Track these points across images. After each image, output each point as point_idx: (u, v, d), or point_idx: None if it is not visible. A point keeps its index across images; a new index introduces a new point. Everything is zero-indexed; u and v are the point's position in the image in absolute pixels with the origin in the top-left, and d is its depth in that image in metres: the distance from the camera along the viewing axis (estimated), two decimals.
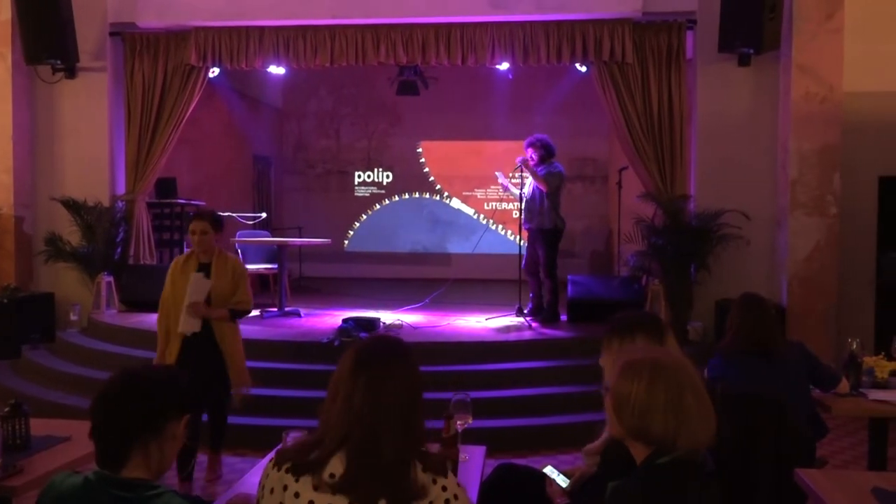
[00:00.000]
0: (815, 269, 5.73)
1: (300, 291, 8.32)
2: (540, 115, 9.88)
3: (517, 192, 6.12)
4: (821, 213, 5.73)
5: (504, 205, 10.59)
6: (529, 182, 6.10)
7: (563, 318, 6.13)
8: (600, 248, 9.98)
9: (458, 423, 2.28)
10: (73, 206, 6.30)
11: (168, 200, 7.28)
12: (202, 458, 3.95)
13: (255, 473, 2.14)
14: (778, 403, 2.47)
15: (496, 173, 6.23)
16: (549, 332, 5.65)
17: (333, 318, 6.15)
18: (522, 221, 6.07)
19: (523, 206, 6.07)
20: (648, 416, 1.48)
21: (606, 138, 10.17)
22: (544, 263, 6.02)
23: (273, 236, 7.91)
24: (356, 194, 11.13)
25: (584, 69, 6.42)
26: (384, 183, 11.10)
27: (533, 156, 6.05)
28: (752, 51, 5.81)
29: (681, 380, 1.51)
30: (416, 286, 9.11)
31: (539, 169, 6.01)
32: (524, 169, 5.93)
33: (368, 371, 1.47)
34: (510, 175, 6.21)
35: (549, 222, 5.99)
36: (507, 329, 5.78)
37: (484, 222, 10.66)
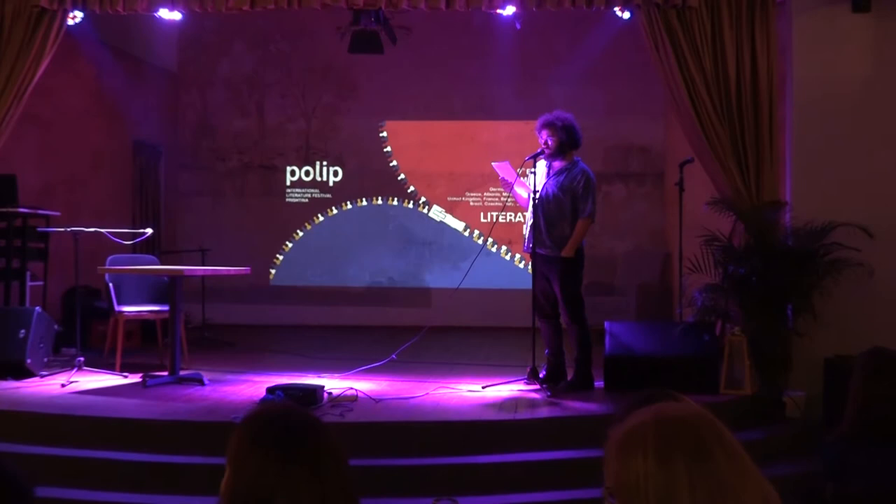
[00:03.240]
0: None
1: (203, 346, 8.26)
2: (560, 85, 9.98)
3: (528, 193, 6.12)
4: None
5: (509, 216, 10.60)
6: (541, 171, 6.12)
7: (598, 384, 6.11)
8: (652, 281, 10.00)
9: None
10: None
11: (3, 209, 7.19)
12: None
13: None
14: None
15: (494, 165, 6.22)
16: (577, 407, 5.63)
17: (253, 388, 6.10)
18: (526, 242, 6.12)
19: (529, 219, 6.09)
20: (672, 501, 1.44)
21: (660, 119, 10.28)
22: (565, 301, 6.03)
23: (163, 263, 7.86)
24: (288, 200, 11.11)
25: (626, 15, 6.51)
26: (330, 183, 11.10)
27: (549, 141, 6.08)
28: None
29: (702, 436, 1.48)
30: (378, 337, 9.01)
31: (552, 175, 6.05)
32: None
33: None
34: (519, 169, 6.23)
35: (569, 249, 6.01)
36: (515, 404, 5.73)
37: (479, 242, 10.70)
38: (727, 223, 6.16)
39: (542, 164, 6.20)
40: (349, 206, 11.05)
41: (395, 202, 11.03)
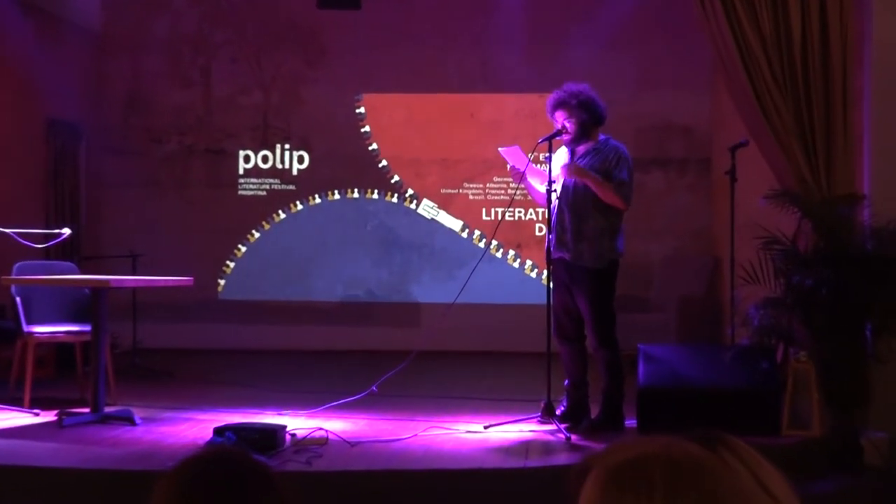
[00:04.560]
0: None
1: (135, 376, 8.26)
2: (581, 49, 10.01)
3: (544, 187, 6.14)
4: None
5: (518, 212, 10.61)
6: (561, 160, 6.15)
7: (630, 422, 6.13)
8: (696, 293, 10.00)
9: None
10: None
11: None
12: None
13: None
14: None
15: (501, 151, 6.22)
16: None
17: (197, 428, 6.10)
18: (549, 246, 6.11)
19: (552, 215, 6.10)
20: None
21: (706, 92, 10.32)
22: (594, 320, 6.05)
23: (83, 271, 7.86)
24: (241, 192, 11.13)
25: None
26: (294, 171, 11.12)
27: (567, 125, 6.10)
28: None
29: (735, 487, 1.40)
30: (354, 365, 9.02)
31: (580, 157, 6.08)
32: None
33: None
34: (531, 154, 6.24)
35: (596, 254, 6.02)
36: (526, 448, 5.74)
37: (480, 245, 10.71)
38: (790, 221, 6.17)
39: (562, 151, 6.22)
40: (317, 200, 11.07)
41: (375, 195, 11.04)
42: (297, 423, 6.08)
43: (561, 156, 6.21)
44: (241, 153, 11.12)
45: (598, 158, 6.07)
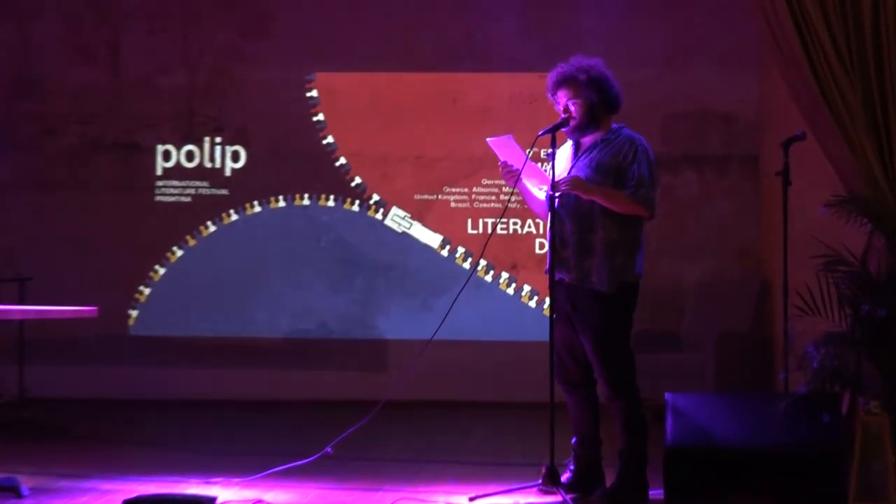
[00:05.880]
0: None
1: (22, 433, 8.24)
2: (593, 16, 10.09)
3: (544, 192, 6.15)
4: None
5: (514, 224, 10.61)
6: (564, 156, 6.19)
7: (655, 492, 6.11)
8: (740, 328, 10.03)
9: None
10: None
11: None
12: None
13: None
14: None
15: (490, 143, 6.22)
16: None
17: (102, 501, 6.05)
18: (550, 266, 6.09)
19: (551, 226, 6.09)
20: None
21: (752, 72, 10.36)
22: (601, 363, 6.03)
23: None
24: (160, 198, 11.11)
25: None
26: (227, 172, 11.11)
27: (571, 106, 6.09)
28: None
29: None
30: (303, 418, 9.04)
31: (581, 156, 6.09)
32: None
33: None
34: (529, 150, 6.23)
35: (605, 274, 6.00)
36: None
37: (464, 266, 10.72)
38: (859, 236, 6.17)
39: (565, 147, 6.21)
40: (257, 208, 11.06)
41: (331, 202, 11.04)
42: (230, 495, 6.04)
43: (564, 152, 6.20)
44: (160, 148, 11.10)
45: (608, 151, 6.00)
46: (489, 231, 10.42)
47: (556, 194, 6.02)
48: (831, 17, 6.20)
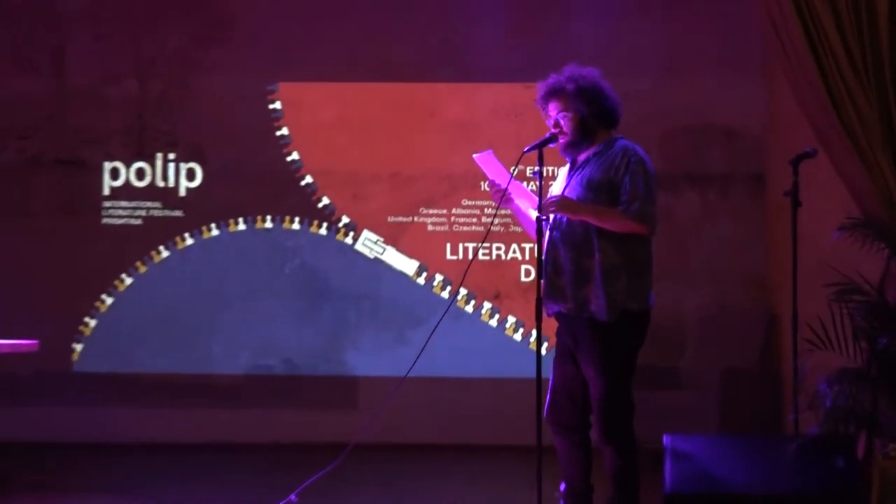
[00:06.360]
0: None
1: None
2: (585, 20, 10.11)
3: (535, 212, 6.13)
4: None
5: (497, 249, 10.61)
6: (560, 177, 6.22)
7: None
8: (746, 363, 10.04)
9: None
10: None
11: None
12: None
13: None
14: None
15: (476, 159, 6.24)
16: None
17: None
18: (543, 294, 6.09)
19: (545, 253, 6.09)
20: None
21: (758, 81, 10.39)
22: (603, 400, 6.02)
23: None
24: (107, 220, 11.08)
25: None
26: (181, 191, 11.09)
27: (561, 120, 6.10)
28: None
29: None
30: (265, 464, 9.01)
31: (574, 173, 6.12)
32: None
33: None
34: (514, 168, 6.22)
35: (605, 301, 5.98)
36: None
37: (443, 295, 10.74)
38: (876, 262, 6.18)
39: (562, 171, 6.23)
40: (214, 231, 11.03)
41: (296, 225, 11.02)
42: None
43: (560, 174, 6.22)
44: (107, 165, 11.05)
45: (600, 165, 6.01)
46: (470, 257, 10.43)
47: (544, 217, 6.01)
48: (843, 25, 6.21)
